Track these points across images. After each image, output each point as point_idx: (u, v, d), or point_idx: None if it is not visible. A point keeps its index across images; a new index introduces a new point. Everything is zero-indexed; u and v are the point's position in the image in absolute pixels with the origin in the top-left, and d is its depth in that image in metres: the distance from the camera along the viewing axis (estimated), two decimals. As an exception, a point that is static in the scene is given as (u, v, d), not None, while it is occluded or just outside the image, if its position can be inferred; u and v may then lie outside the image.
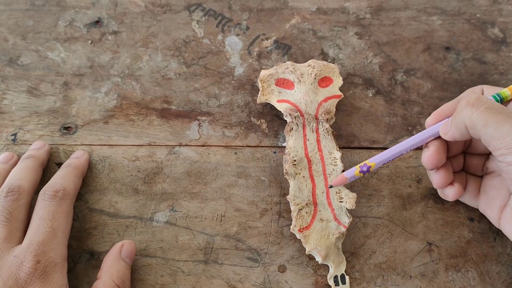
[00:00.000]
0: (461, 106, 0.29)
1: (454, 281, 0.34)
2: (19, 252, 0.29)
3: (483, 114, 0.27)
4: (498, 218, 0.32)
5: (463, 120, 0.29)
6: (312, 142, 0.35)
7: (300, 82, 0.37)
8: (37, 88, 0.40)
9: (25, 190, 0.32)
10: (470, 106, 0.28)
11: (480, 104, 0.28)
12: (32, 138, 0.38)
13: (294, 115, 0.36)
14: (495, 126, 0.27)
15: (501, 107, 0.28)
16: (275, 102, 0.37)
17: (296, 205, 0.34)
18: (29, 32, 0.42)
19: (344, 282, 0.33)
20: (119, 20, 0.43)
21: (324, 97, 0.37)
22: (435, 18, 0.44)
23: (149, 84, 0.40)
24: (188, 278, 0.33)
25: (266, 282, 0.33)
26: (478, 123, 0.28)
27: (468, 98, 0.29)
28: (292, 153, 0.35)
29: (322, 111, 0.36)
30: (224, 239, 0.35)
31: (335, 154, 0.35)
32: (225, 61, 0.41)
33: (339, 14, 0.44)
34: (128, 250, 0.33)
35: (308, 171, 0.35)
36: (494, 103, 0.28)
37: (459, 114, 0.29)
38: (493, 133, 0.27)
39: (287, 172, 0.34)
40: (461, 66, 0.42)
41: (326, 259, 0.33)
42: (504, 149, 0.27)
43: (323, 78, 0.38)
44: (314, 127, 0.36)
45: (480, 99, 0.28)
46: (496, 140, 0.27)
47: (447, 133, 0.31)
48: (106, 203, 0.36)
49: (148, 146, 0.38)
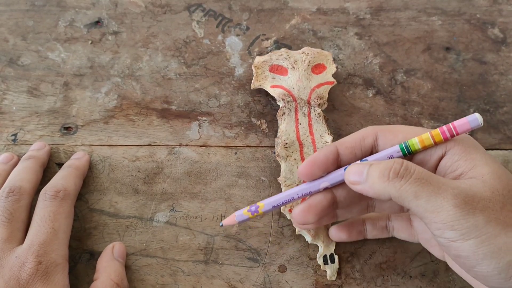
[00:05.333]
0: (384, 177, 0.26)
1: (454, 281, 0.34)
2: (21, 253, 0.29)
3: (413, 186, 0.25)
4: (442, 256, 0.31)
5: (387, 190, 0.26)
6: (304, 126, 0.36)
7: (294, 68, 0.38)
8: (37, 89, 0.40)
9: (26, 190, 0.32)
10: (398, 178, 0.25)
11: (409, 175, 0.25)
12: (32, 139, 0.38)
13: (287, 100, 0.37)
14: (426, 198, 0.24)
15: (430, 176, 0.25)
16: (269, 88, 0.38)
17: (287, 186, 0.34)
18: (29, 32, 0.42)
19: (333, 261, 0.34)
20: (119, 20, 0.43)
21: (317, 83, 0.38)
22: (435, 18, 0.44)
23: (149, 84, 0.40)
24: (188, 278, 0.33)
25: (266, 282, 0.33)
26: (407, 195, 0.25)
27: (394, 167, 0.25)
28: (284, 136, 0.36)
29: (315, 97, 0.37)
30: (224, 239, 0.35)
31: (326, 138, 0.36)
32: (225, 61, 0.41)
33: (339, 14, 0.44)
34: (120, 251, 0.33)
35: (299, 154, 0.35)
36: (422, 172, 0.25)
37: (382, 184, 0.26)
38: (425, 206, 0.24)
39: (279, 155, 0.35)
40: (461, 66, 0.42)
41: (315, 239, 0.34)
42: (440, 224, 0.24)
43: (317, 65, 0.38)
44: (306, 112, 0.36)
45: (408, 169, 0.25)
46: (431, 213, 0.24)
47: (358, 187, 0.27)
48: (106, 203, 0.36)
49: (148, 146, 0.38)
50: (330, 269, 0.34)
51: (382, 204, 0.32)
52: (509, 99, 0.40)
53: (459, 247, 0.24)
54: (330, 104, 0.40)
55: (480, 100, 0.40)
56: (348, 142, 0.30)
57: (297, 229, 0.34)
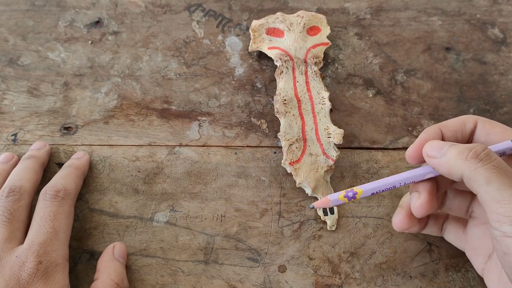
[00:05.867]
0: (463, 154, 0.26)
1: (454, 281, 0.34)
2: (21, 253, 0.29)
3: (488, 171, 0.24)
4: (482, 268, 0.30)
5: (462, 169, 0.26)
6: (301, 83, 0.38)
7: (290, 30, 0.40)
8: (37, 89, 0.40)
9: (26, 190, 0.32)
10: (477, 160, 0.25)
11: (489, 161, 0.25)
12: (32, 139, 0.38)
13: (284, 59, 0.38)
14: (498, 186, 0.24)
15: (509, 169, 0.25)
16: (266, 50, 0.40)
17: (286, 141, 0.36)
18: (29, 32, 0.42)
19: (333, 212, 0.35)
20: (119, 20, 0.43)
21: (313, 44, 0.40)
22: (435, 18, 0.44)
23: (149, 84, 0.40)
24: (188, 278, 0.33)
25: (266, 282, 0.33)
26: (480, 178, 0.25)
27: (476, 149, 0.26)
28: (283, 93, 0.37)
29: (311, 56, 0.39)
30: (224, 239, 0.35)
31: (323, 94, 0.37)
32: (225, 61, 0.41)
33: (339, 14, 0.44)
34: (121, 251, 0.33)
35: (297, 109, 0.37)
36: (502, 163, 0.25)
37: (459, 161, 0.26)
38: (494, 194, 0.24)
39: (278, 111, 0.37)
40: (461, 66, 0.42)
41: (315, 191, 0.35)
42: (501, 216, 0.24)
43: (312, 27, 0.41)
44: (303, 70, 0.38)
45: (489, 155, 0.25)
46: (496, 203, 0.24)
47: (434, 161, 0.27)
48: (106, 203, 0.36)
49: (148, 146, 0.38)
50: (330, 220, 0.35)
51: (452, 201, 0.32)
52: (509, 99, 0.40)
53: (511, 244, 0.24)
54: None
55: (480, 100, 0.40)
56: (452, 125, 0.30)
57: (298, 181, 0.35)
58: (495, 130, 0.29)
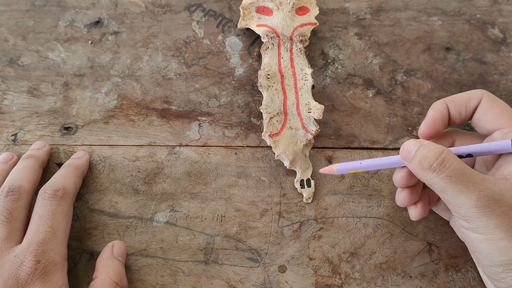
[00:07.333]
0: (421, 164, 0.28)
1: (454, 281, 0.34)
2: (19, 252, 0.29)
3: (442, 181, 0.27)
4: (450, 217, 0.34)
5: (421, 177, 0.28)
6: (285, 59, 0.39)
7: (279, 9, 0.41)
8: (37, 89, 0.40)
9: (25, 190, 0.32)
10: (431, 170, 0.27)
11: (443, 170, 0.27)
12: (32, 139, 0.38)
13: (270, 35, 0.39)
14: (451, 194, 0.27)
15: (464, 174, 0.27)
16: (255, 27, 0.41)
17: (267, 114, 0.37)
18: (30, 32, 0.42)
19: (310, 185, 0.36)
20: (119, 20, 0.43)
21: (300, 23, 0.40)
22: (435, 18, 0.44)
23: (150, 85, 0.40)
24: (188, 278, 0.33)
25: (266, 282, 0.33)
26: (436, 187, 0.28)
27: (429, 160, 0.27)
28: (267, 68, 0.38)
29: (297, 34, 0.40)
30: (224, 239, 0.35)
31: (306, 71, 0.38)
32: (225, 61, 0.41)
33: (339, 14, 0.44)
34: (120, 249, 0.33)
35: (280, 84, 0.38)
36: (458, 169, 0.27)
37: (417, 170, 0.28)
38: (449, 200, 0.27)
39: (261, 85, 0.37)
40: (461, 66, 0.42)
41: (293, 164, 0.36)
42: (457, 214, 0.28)
43: (301, 8, 0.41)
44: (288, 47, 0.39)
45: (443, 164, 0.27)
46: (452, 206, 0.28)
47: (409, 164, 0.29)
48: (106, 203, 0.36)
49: (149, 146, 0.38)
50: (306, 192, 0.36)
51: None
52: (509, 99, 0.40)
53: (467, 234, 0.28)
54: (330, 104, 0.40)
55: (480, 100, 0.40)
56: (457, 100, 0.31)
57: (276, 153, 0.35)
58: (493, 111, 0.30)
